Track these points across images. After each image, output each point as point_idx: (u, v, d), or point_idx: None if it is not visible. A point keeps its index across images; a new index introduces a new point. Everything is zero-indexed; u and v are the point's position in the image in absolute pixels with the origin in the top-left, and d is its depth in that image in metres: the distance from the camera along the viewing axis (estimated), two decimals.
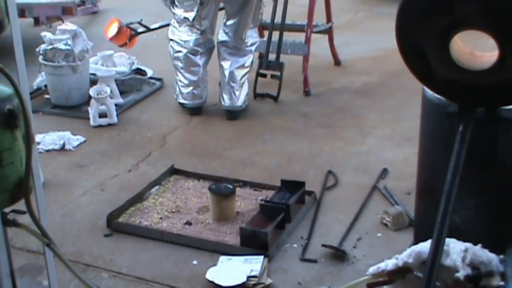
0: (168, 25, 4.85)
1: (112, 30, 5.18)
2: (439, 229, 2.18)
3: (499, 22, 2.14)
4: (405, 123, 4.32)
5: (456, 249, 2.17)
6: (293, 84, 5.09)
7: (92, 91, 4.44)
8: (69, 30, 4.73)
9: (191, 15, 4.43)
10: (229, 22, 4.55)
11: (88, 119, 4.45)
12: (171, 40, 4.60)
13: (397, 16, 2.30)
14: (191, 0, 4.39)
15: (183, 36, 4.53)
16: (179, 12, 4.49)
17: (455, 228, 2.34)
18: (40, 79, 4.94)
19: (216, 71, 4.74)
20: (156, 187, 3.59)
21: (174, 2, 4.49)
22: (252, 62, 4.70)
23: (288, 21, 5.05)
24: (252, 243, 2.95)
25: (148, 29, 5.54)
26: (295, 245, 3.06)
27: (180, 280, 2.81)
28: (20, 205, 1.99)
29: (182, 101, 4.63)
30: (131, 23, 5.29)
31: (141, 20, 5.49)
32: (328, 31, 5.53)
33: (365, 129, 4.35)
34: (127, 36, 5.27)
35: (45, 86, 4.88)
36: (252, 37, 4.70)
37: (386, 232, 3.14)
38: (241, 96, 4.56)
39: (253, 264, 2.83)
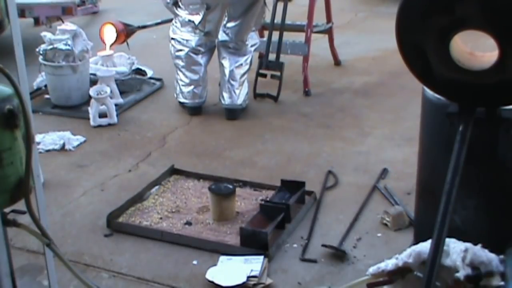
0: (165, 22, 4.84)
1: (110, 36, 5.19)
2: (439, 229, 2.18)
3: (499, 22, 2.14)
4: (405, 123, 4.32)
5: (456, 249, 2.18)
6: (293, 84, 5.09)
7: (92, 91, 4.44)
8: (69, 30, 4.73)
9: (196, 18, 4.40)
10: (231, 24, 4.54)
11: (88, 119, 4.45)
12: (172, 39, 4.59)
13: (397, 16, 2.30)
14: (197, 4, 4.37)
15: (185, 36, 4.52)
16: (183, 14, 4.47)
17: (455, 228, 2.35)
18: (40, 79, 4.94)
19: (216, 71, 4.74)
20: (156, 187, 3.59)
21: (177, 4, 4.47)
22: (251, 61, 4.69)
23: (288, 21, 5.05)
24: (252, 243, 2.95)
25: (145, 26, 5.56)
26: (295, 245, 3.05)
27: (180, 280, 2.81)
28: (20, 205, 1.99)
29: (182, 100, 4.62)
30: (128, 26, 5.33)
31: (139, 26, 5.53)
32: (328, 31, 5.53)
33: (365, 129, 4.35)
34: (125, 34, 5.29)
35: (45, 86, 4.88)
36: (252, 38, 4.70)
37: (386, 232, 3.13)
38: (241, 95, 4.56)
39: (253, 264, 2.83)
